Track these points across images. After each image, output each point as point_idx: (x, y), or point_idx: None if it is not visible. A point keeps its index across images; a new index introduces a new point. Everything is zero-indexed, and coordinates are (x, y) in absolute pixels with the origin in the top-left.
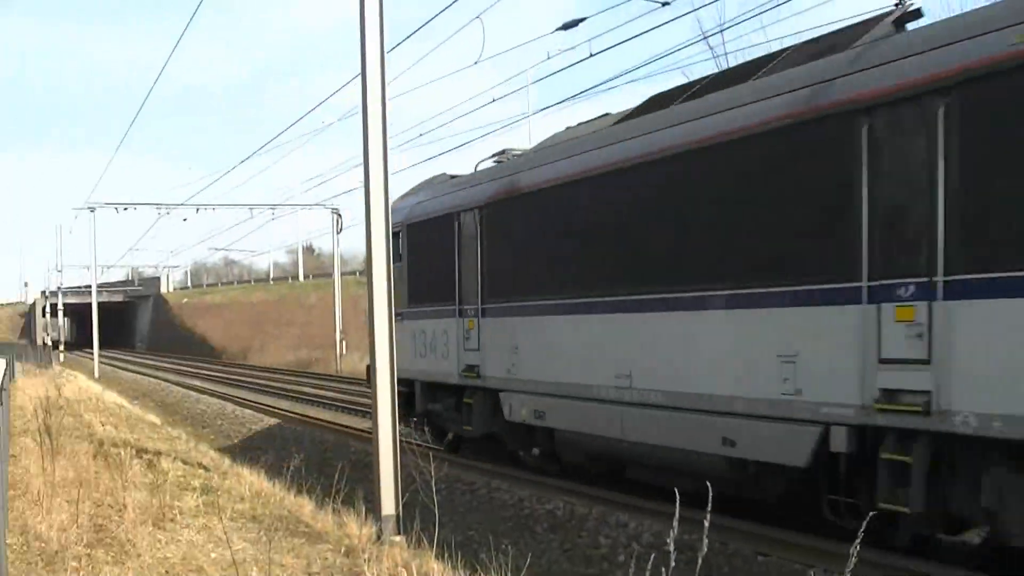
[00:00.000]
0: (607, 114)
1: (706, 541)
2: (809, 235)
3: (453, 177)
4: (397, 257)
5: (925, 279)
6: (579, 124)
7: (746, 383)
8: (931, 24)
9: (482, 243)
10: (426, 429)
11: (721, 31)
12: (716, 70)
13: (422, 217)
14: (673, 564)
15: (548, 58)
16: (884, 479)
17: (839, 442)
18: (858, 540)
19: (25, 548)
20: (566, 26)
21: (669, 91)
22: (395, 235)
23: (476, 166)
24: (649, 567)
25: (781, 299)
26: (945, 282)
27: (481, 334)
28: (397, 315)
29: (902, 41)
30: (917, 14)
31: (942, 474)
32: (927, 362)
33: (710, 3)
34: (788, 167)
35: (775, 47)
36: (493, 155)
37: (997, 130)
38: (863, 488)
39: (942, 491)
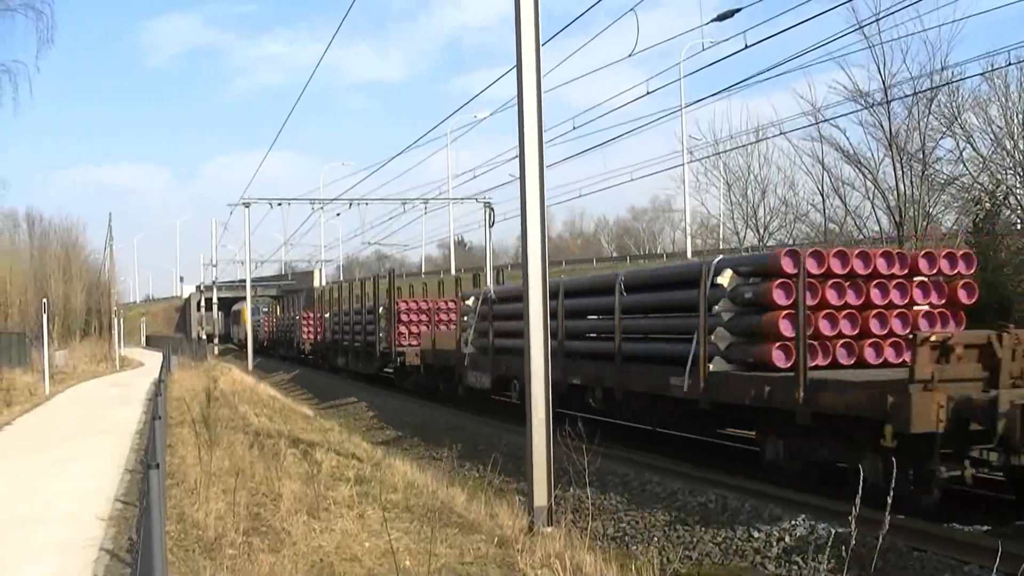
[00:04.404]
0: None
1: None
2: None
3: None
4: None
5: None
6: None
7: None
8: None
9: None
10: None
11: (877, 20)
12: (872, 61)
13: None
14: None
15: (703, 49)
16: None
17: None
18: None
19: (183, 535)
20: (721, 17)
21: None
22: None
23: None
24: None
25: None
26: None
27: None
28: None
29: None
30: None
31: None
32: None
33: None
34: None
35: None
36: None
37: None
38: None
39: None
